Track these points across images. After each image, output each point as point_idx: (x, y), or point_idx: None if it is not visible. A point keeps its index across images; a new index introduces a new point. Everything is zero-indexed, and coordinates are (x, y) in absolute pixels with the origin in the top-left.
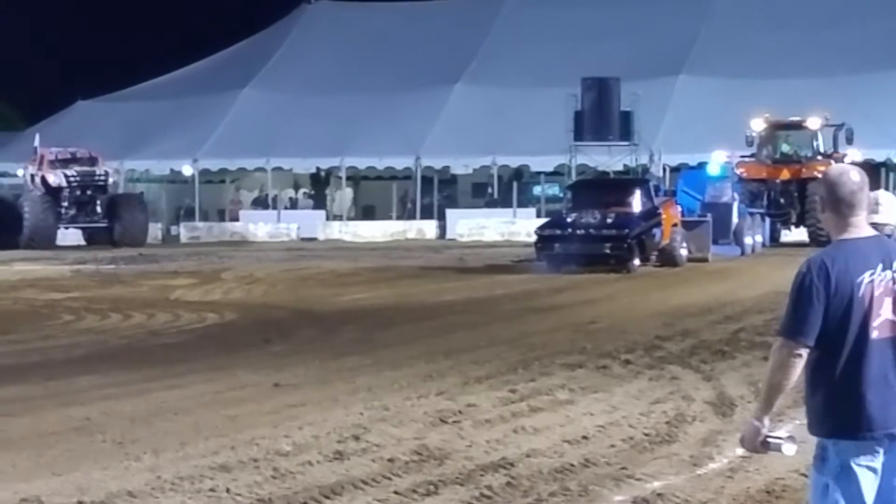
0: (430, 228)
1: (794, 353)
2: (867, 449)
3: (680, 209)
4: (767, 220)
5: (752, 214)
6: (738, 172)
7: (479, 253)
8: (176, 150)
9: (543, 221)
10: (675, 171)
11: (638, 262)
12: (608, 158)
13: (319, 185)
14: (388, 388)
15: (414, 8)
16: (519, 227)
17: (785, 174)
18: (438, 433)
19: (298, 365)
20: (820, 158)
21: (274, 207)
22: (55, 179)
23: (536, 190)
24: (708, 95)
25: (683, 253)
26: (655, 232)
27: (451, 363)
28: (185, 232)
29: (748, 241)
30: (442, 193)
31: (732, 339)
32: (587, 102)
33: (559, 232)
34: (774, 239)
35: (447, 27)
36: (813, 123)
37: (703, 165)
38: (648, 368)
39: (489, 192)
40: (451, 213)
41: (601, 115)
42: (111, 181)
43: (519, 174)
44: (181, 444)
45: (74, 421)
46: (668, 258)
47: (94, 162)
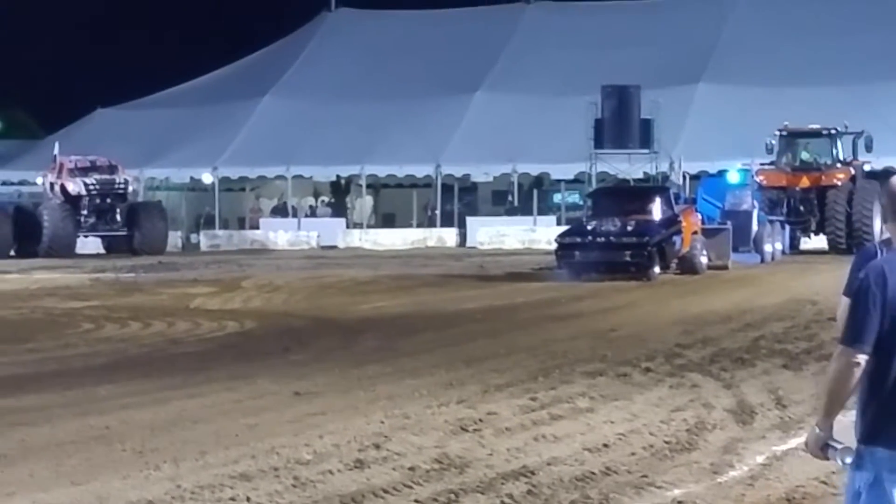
0: (450, 236)
1: (852, 360)
2: None
3: (700, 217)
4: (787, 227)
5: (771, 222)
6: (757, 180)
7: (499, 261)
8: (196, 158)
9: (564, 229)
10: (694, 178)
11: (658, 269)
12: (628, 166)
13: (340, 192)
14: (408, 396)
15: (434, 16)
16: (539, 234)
17: (804, 182)
18: (459, 441)
19: (318, 373)
20: (839, 166)
21: (294, 215)
22: (74, 188)
23: (556, 198)
24: (727, 103)
25: (703, 261)
26: (675, 240)
27: (471, 371)
28: (204, 240)
29: (768, 248)
30: (462, 201)
31: (752, 346)
32: (607, 110)
33: (579, 240)
34: (794, 246)
35: (468, 35)
36: (832, 131)
37: (722, 173)
38: (669, 376)
39: (509, 199)
40: (471, 220)
41: (621, 122)
42: (131, 189)
43: (539, 182)
44: (201, 452)
45: (94, 430)
46: (688, 266)
47: (113, 170)
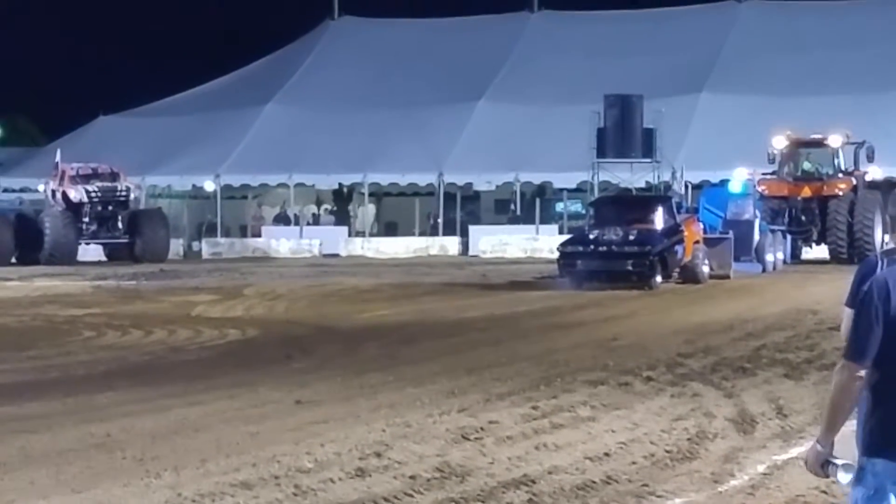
0: (452, 245)
1: (854, 374)
2: None
3: (702, 226)
4: (789, 237)
5: (773, 232)
6: (759, 190)
7: (501, 269)
8: (198, 165)
9: (566, 238)
10: (697, 188)
11: (660, 278)
12: (630, 175)
13: (342, 201)
14: (410, 404)
15: (438, 24)
16: (541, 243)
17: (806, 192)
18: (460, 450)
19: (320, 381)
20: (841, 176)
21: (296, 223)
22: (76, 195)
23: (559, 206)
24: (730, 113)
25: (705, 270)
26: (677, 249)
27: (473, 380)
28: (206, 248)
29: (769, 258)
30: (465, 210)
31: (754, 356)
32: (610, 119)
33: (581, 249)
34: (796, 256)
35: (471, 44)
36: (834, 141)
37: (724, 183)
38: (670, 385)
39: (512, 208)
40: (473, 229)
41: (624, 132)
42: (133, 197)
43: (542, 191)
44: (202, 460)
45: (94, 438)
46: (689, 275)
47: (115, 177)
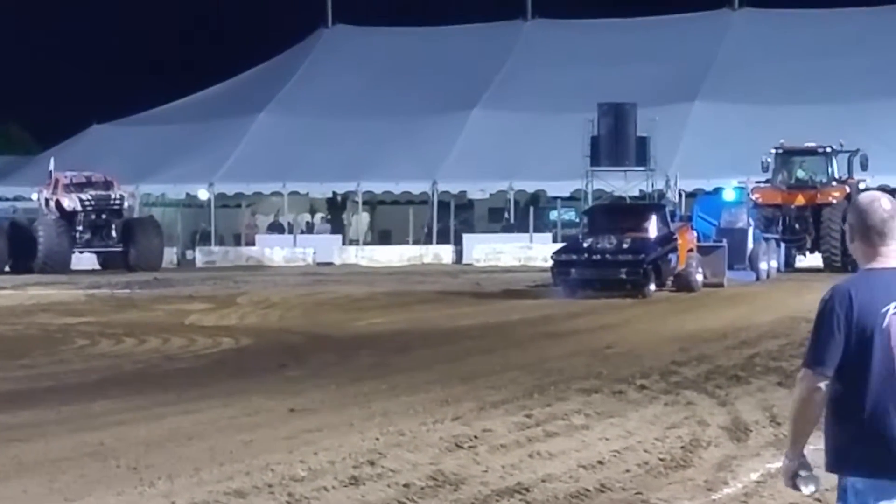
0: (446, 253)
1: (814, 384)
2: (886, 490)
3: (695, 234)
4: (782, 245)
5: (767, 240)
6: (753, 198)
7: (495, 278)
8: (192, 174)
9: (560, 246)
10: (690, 196)
11: (654, 287)
12: (624, 184)
13: (336, 209)
14: (403, 413)
15: (431, 32)
16: (535, 252)
17: (800, 200)
18: (454, 458)
19: (314, 390)
20: (835, 184)
21: (290, 232)
22: (70, 203)
23: (553, 215)
24: (724, 121)
25: (699, 278)
26: (671, 257)
27: (466, 388)
28: (200, 256)
29: (763, 266)
30: (458, 218)
31: (748, 364)
32: (604, 128)
33: (575, 257)
34: (789, 264)
35: (465, 52)
36: (828, 149)
37: (718, 191)
38: (664, 393)
39: (506, 216)
40: (467, 237)
41: (617, 140)
42: (126, 205)
43: (535, 199)
44: (196, 469)
45: (88, 446)
46: (683, 283)
47: (109, 186)
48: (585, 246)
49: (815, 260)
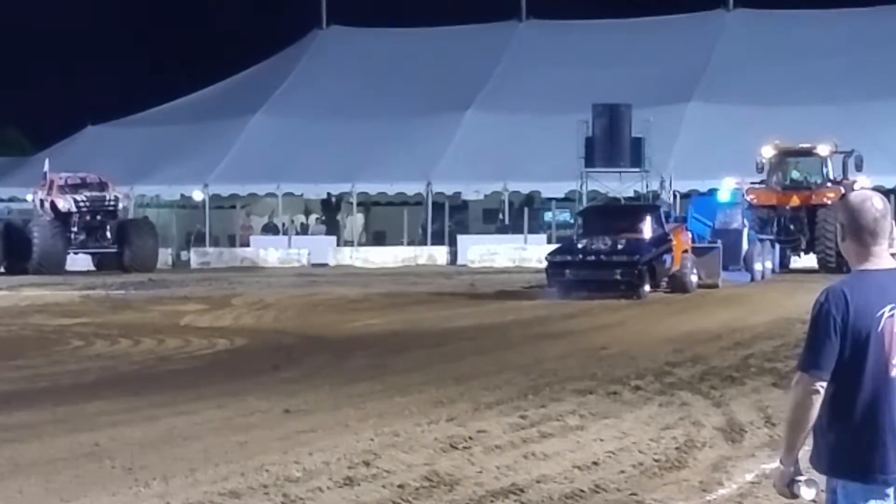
0: (440, 254)
1: (810, 388)
2: (877, 493)
3: (690, 235)
4: (777, 246)
5: (761, 241)
6: (748, 199)
7: (489, 279)
8: (186, 175)
9: (554, 247)
10: (685, 197)
11: (648, 288)
12: (619, 184)
13: (330, 210)
14: (398, 413)
15: (426, 33)
16: (530, 252)
17: (795, 201)
18: (449, 459)
19: (309, 391)
20: (830, 185)
21: (284, 233)
22: (65, 204)
23: (547, 216)
24: (718, 122)
25: (694, 279)
26: (666, 258)
27: (461, 389)
28: (195, 257)
29: (758, 267)
30: (453, 219)
31: (742, 365)
32: (598, 129)
33: (570, 258)
34: (784, 265)
35: (459, 53)
36: (823, 150)
37: (713, 192)
38: (658, 394)
39: (500, 217)
40: (462, 238)
41: (612, 141)
42: (121, 206)
43: (530, 200)
44: (191, 470)
45: (83, 447)
46: (678, 284)
47: (103, 187)
48: (580, 247)
49: (809, 261)
